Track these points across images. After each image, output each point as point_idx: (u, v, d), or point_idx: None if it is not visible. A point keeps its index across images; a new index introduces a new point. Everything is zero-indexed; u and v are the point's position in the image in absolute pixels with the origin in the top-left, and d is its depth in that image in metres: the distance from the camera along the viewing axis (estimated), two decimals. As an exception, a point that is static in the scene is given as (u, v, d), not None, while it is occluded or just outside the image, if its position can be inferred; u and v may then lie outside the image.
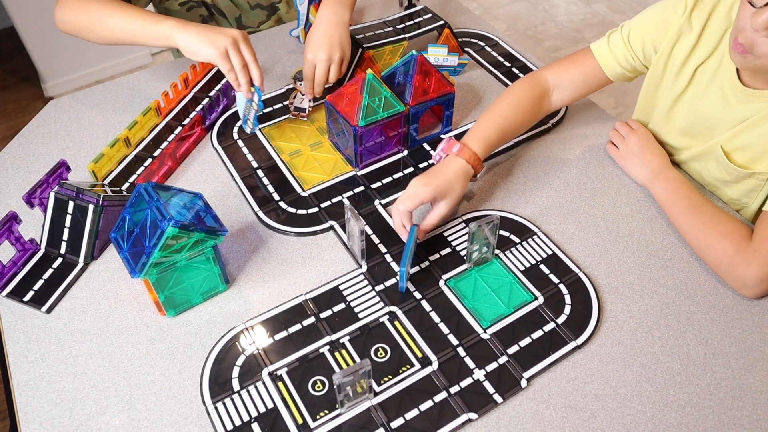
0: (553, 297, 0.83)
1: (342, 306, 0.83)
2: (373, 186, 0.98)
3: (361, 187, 0.98)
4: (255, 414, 0.72)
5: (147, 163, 0.96)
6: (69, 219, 0.85)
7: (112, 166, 0.92)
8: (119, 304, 0.84)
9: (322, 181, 0.99)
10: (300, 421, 0.72)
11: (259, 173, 1.00)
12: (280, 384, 0.75)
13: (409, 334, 0.79)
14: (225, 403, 0.73)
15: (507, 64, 1.22)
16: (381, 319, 0.81)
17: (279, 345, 0.79)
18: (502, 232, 0.91)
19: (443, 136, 1.06)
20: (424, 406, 0.73)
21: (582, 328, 0.80)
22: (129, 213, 0.77)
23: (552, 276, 0.86)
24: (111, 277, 0.87)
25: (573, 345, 0.78)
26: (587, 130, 1.08)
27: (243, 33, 0.94)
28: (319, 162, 1.02)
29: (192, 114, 1.04)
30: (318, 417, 0.72)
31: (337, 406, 0.73)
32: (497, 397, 0.74)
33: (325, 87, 1.06)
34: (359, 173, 1.00)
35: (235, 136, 1.06)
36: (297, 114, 1.09)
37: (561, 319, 0.81)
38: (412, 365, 0.77)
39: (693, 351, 0.78)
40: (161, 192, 0.76)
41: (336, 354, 0.78)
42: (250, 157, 1.02)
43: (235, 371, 0.76)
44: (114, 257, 0.89)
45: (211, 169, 1.02)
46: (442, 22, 1.19)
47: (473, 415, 0.72)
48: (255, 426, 0.71)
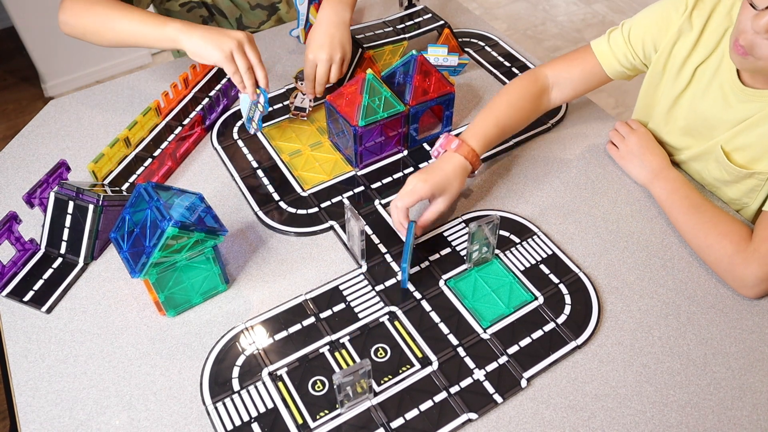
0: (553, 297, 0.83)
1: (342, 306, 0.83)
2: (373, 186, 0.98)
3: (361, 187, 0.98)
4: (255, 414, 0.72)
5: (147, 163, 0.96)
6: (69, 219, 0.85)
7: (112, 166, 0.92)
8: (119, 304, 0.84)
9: (322, 181, 0.99)
10: (300, 421, 0.72)
11: (259, 173, 1.00)
12: (280, 384, 0.75)
13: (409, 334, 0.79)
14: (225, 403, 0.73)
15: (507, 64, 1.22)
16: (381, 319, 0.81)
17: (279, 345, 0.79)
18: (502, 232, 0.91)
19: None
20: (424, 406, 0.73)
21: (582, 328, 0.80)
22: (129, 213, 0.77)
23: (552, 276, 0.86)
24: (111, 277, 0.87)
25: (573, 345, 0.78)
26: (587, 129, 1.08)
27: (248, 35, 0.94)
28: (319, 162, 1.02)
29: (192, 114, 1.04)
30: (318, 417, 0.72)
31: (337, 406, 0.73)
32: (497, 397, 0.74)
33: (326, 86, 1.06)
34: (359, 173, 1.00)
35: (235, 136, 1.06)
36: (297, 113, 1.09)
37: (561, 319, 0.81)
38: (412, 365, 0.77)
39: (693, 351, 0.78)
40: (161, 192, 0.76)
41: (336, 354, 0.78)
42: (250, 157, 1.02)
43: (235, 371, 0.76)
44: (114, 257, 0.89)
45: (211, 169, 1.02)
46: (442, 22, 1.19)
47: (473, 415, 0.72)
48: (255, 426, 0.71)
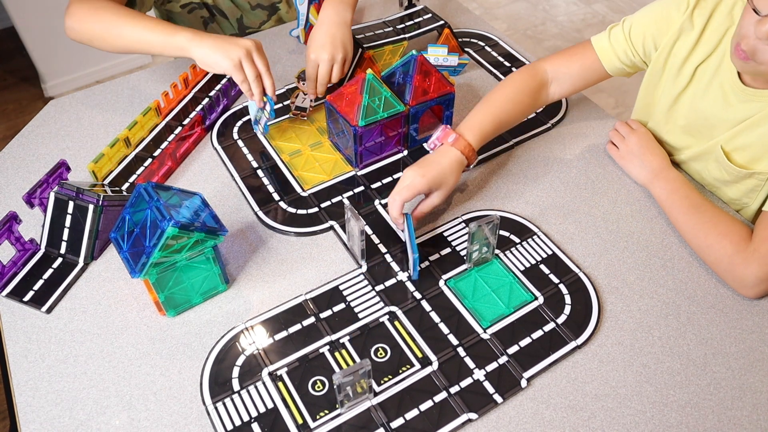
0: (553, 297, 0.83)
1: (342, 306, 0.83)
2: (373, 186, 0.98)
3: (361, 187, 0.98)
4: (255, 414, 0.72)
5: (147, 163, 0.96)
6: (69, 219, 0.85)
7: (112, 166, 0.92)
8: (119, 304, 0.84)
9: (322, 181, 0.99)
10: (300, 421, 0.72)
11: (259, 173, 1.00)
12: (280, 384, 0.75)
13: (409, 334, 0.79)
14: (225, 403, 0.73)
15: (507, 64, 1.22)
16: (381, 319, 0.81)
17: (279, 345, 0.79)
18: (502, 232, 0.91)
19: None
20: (424, 406, 0.73)
21: (582, 328, 0.80)
22: (129, 213, 0.77)
23: (552, 276, 0.86)
24: (111, 277, 0.87)
25: (573, 345, 0.78)
26: (587, 129, 1.08)
27: (257, 43, 0.94)
28: (319, 162, 1.02)
29: (192, 114, 1.04)
30: (318, 417, 0.72)
31: (337, 406, 0.73)
32: (497, 397, 0.74)
33: (327, 86, 1.06)
34: (359, 173, 1.00)
35: (235, 136, 1.06)
36: (298, 113, 1.09)
37: (561, 319, 0.81)
38: (412, 365, 0.77)
39: (693, 351, 0.78)
40: (161, 192, 0.76)
41: (336, 354, 0.78)
42: (250, 157, 1.02)
43: (235, 371, 0.76)
44: (114, 257, 0.89)
45: (211, 169, 1.02)
46: (442, 22, 1.19)
47: (473, 415, 0.72)
48: (255, 426, 0.71)
